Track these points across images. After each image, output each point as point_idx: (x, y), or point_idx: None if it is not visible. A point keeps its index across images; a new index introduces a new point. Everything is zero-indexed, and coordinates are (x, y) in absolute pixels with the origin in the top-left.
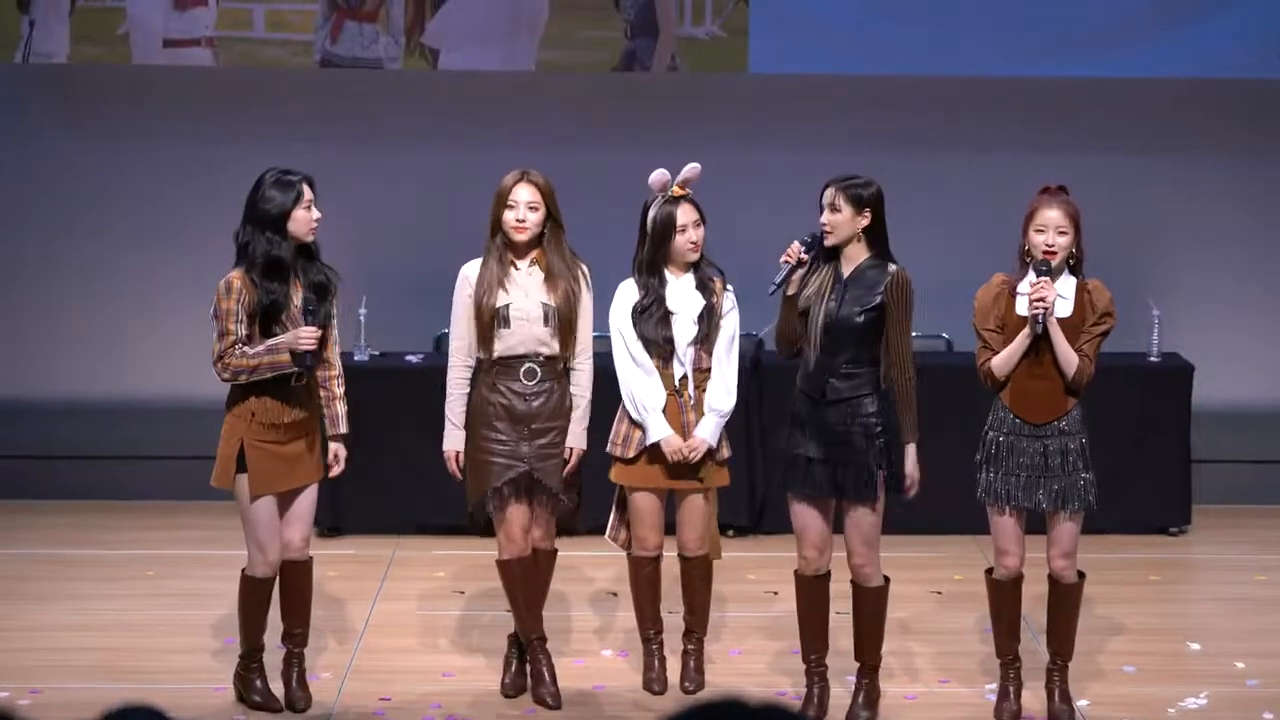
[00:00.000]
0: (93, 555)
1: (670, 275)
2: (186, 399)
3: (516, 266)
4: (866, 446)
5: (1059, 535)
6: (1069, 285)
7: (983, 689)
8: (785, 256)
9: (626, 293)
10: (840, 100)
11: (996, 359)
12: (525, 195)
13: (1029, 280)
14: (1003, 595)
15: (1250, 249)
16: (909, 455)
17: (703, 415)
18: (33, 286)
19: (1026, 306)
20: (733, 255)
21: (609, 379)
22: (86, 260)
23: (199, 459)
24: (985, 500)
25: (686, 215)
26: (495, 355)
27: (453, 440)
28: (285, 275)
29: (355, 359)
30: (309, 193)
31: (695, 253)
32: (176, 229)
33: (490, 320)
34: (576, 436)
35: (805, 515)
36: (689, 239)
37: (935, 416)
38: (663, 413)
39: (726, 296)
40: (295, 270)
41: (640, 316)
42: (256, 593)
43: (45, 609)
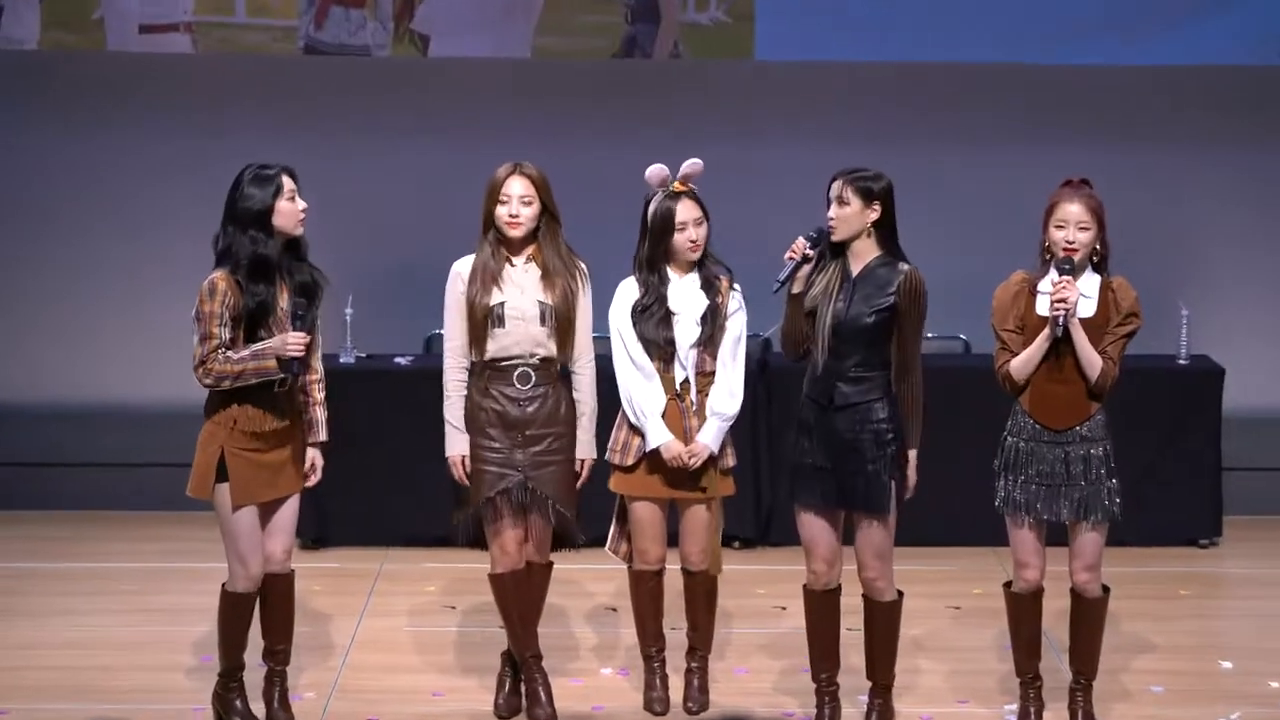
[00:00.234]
0: (65, 569)
1: (672, 274)
2: (169, 403)
3: (512, 263)
4: (877, 454)
5: (1082, 547)
6: (1092, 283)
7: (1002, 709)
8: (790, 252)
9: (627, 291)
10: (852, 89)
11: (1015, 361)
12: (518, 189)
13: (1050, 279)
14: (1022, 610)
15: None
16: (909, 461)
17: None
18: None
19: (1047, 306)
20: (737, 251)
21: (608, 381)
22: (69, 258)
23: (179, 466)
24: (1004, 510)
25: (687, 212)
26: (487, 357)
27: (457, 444)
28: (271, 276)
29: (341, 361)
30: (290, 184)
31: (696, 252)
32: (157, 223)
33: (484, 319)
34: (586, 446)
35: (814, 527)
36: (689, 237)
37: (952, 422)
38: (663, 418)
39: (733, 296)
40: (282, 270)
41: (640, 316)
42: (238, 608)
43: (14, 624)
